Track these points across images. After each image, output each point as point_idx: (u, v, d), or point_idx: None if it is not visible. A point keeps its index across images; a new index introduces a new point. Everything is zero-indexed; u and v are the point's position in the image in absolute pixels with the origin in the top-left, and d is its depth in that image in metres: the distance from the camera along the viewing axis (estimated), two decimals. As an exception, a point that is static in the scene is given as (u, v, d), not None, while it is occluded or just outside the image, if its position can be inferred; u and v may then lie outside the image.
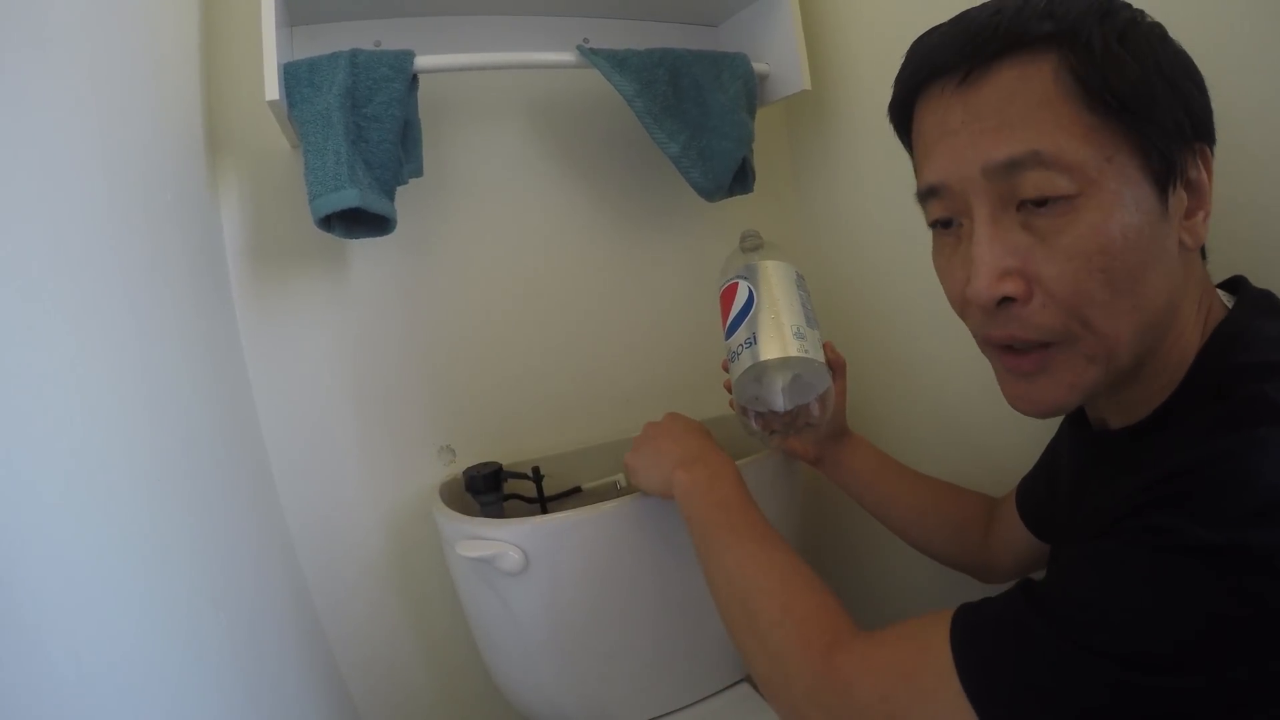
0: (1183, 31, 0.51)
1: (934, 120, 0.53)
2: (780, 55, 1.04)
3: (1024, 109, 0.48)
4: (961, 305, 0.55)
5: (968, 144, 0.50)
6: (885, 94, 0.58)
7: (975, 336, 0.56)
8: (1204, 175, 0.50)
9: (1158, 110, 0.47)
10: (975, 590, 0.88)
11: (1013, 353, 0.52)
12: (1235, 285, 0.55)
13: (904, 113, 0.58)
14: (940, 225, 0.56)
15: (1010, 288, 0.49)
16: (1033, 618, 0.44)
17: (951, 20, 0.54)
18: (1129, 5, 0.50)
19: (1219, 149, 0.52)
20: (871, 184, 1.07)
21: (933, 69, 0.53)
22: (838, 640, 0.55)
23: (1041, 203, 0.48)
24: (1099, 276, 0.47)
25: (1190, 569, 0.39)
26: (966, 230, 0.52)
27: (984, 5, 0.52)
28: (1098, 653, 0.41)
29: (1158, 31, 0.49)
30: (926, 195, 0.55)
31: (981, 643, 0.46)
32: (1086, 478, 0.60)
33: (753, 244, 0.83)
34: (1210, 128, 0.51)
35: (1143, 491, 0.43)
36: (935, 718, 0.46)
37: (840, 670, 0.53)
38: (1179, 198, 0.49)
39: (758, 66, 1.03)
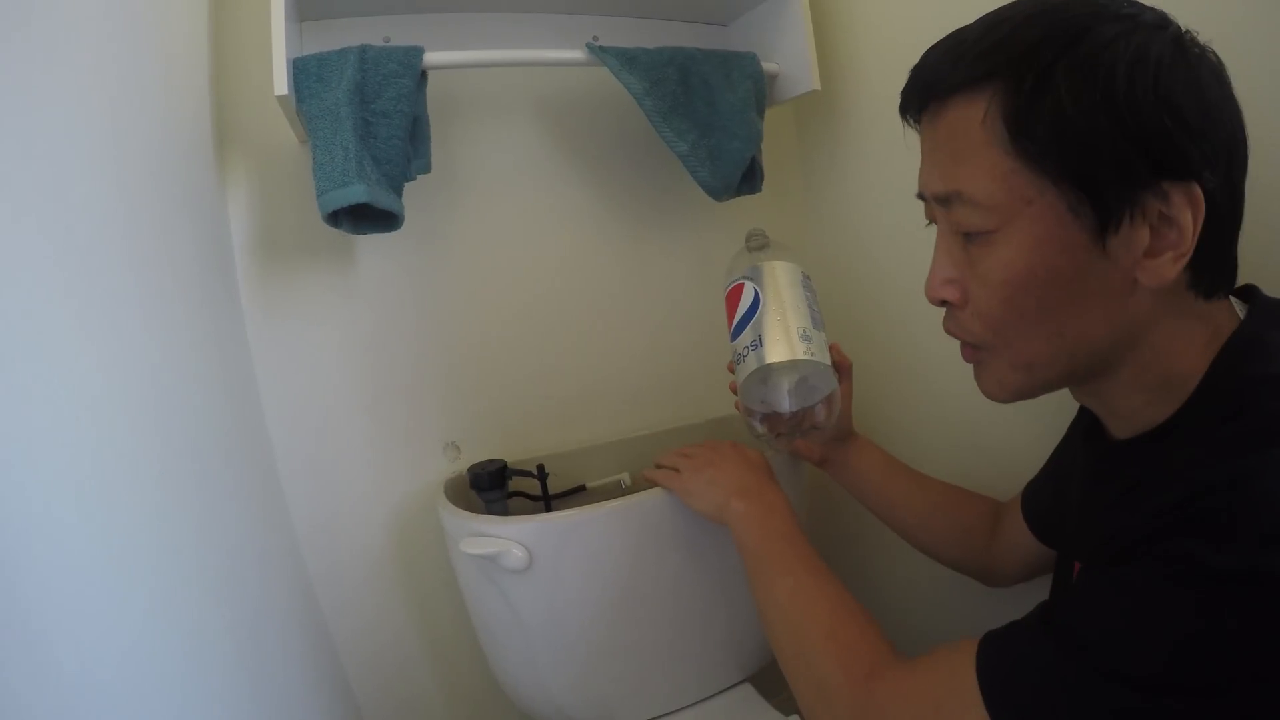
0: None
1: (921, 135, 0.58)
2: (790, 55, 1.04)
3: (958, 149, 0.52)
4: None
5: (926, 170, 0.57)
6: (895, 95, 0.58)
7: None
8: (1182, 214, 0.47)
9: (1097, 152, 0.46)
10: (979, 593, 0.88)
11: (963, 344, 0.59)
12: (1248, 294, 0.55)
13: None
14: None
15: (948, 293, 0.56)
16: (1056, 648, 0.45)
17: (943, 40, 0.55)
18: (1128, 19, 0.47)
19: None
20: (880, 185, 1.07)
21: (910, 94, 0.57)
22: (876, 669, 0.58)
23: (967, 234, 0.53)
24: (1008, 305, 0.52)
25: (1212, 596, 0.39)
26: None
27: (975, 23, 0.54)
28: (1121, 681, 0.41)
29: (1134, 58, 0.46)
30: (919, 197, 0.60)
31: (1006, 674, 0.48)
32: (1098, 488, 0.60)
33: (759, 243, 0.83)
34: (1193, 164, 0.46)
35: (1161, 515, 0.43)
36: None
37: (876, 697, 0.56)
38: (1134, 236, 0.48)
39: (767, 66, 1.03)
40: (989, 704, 0.46)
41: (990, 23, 0.52)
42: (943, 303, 0.57)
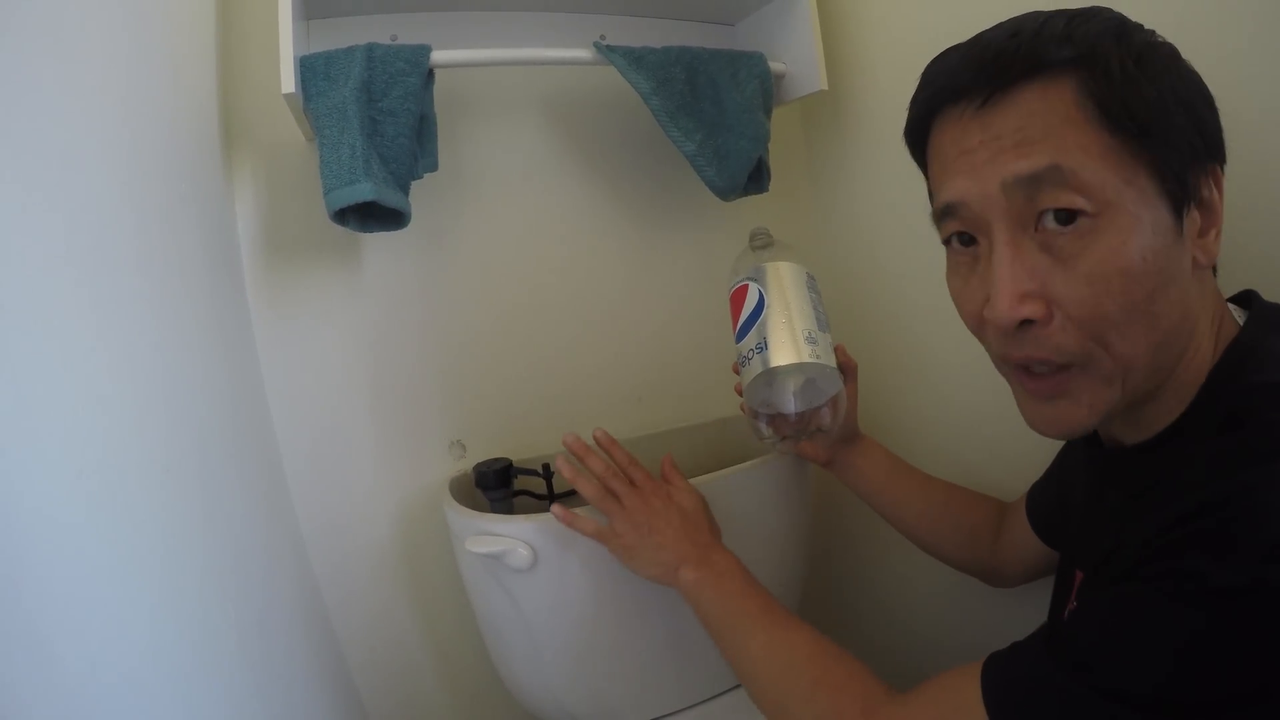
0: (1191, 43, 0.51)
1: (951, 140, 0.53)
2: (797, 55, 1.04)
3: (1045, 127, 0.48)
4: (978, 325, 0.54)
5: (987, 161, 0.50)
6: (903, 95, 0.58)
7: (992, 355, 0.56)
8: (1215, 194, 0.50)
9: (1173, 132, 0.47)
10: (984, 594, 0.88)
11: (1032, 375, 0.52)
12: (1247, 300, 0.55)
13: (920, 134, 0.58)
14: (957, 241, 0.55)
15: (1030, 310, 0.49)
16: (1063, 670, 0.45)
17: (968, 42, 0.53)
18: (1142, 27, 0.50)
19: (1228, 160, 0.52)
20: (888, 185, 1.07)
21: (951, 93, 0.52)
22: (870, 708, 0.56)
23: (1066, 221, 0.48)
24: (1119, 299, 0.47)
25: (1217, 612, 0.39)
26: (984, 250, 0.52)
27: (1000, 26, 0.52)
28: (1128, 701, 0.41)
29: (1171, 53, 0.50)
30: (943, 214, 0.54)
31: (1015, 698, 0.47)
32: (1099, 494, 0.59)
33: (763, 242, 0.83)
34: (1220, 147, 0.51)
35: (1164, 531, 0.43)
36: None
37: None
38: (1193, 218, 0.49)
39: (774, 66, 1.03)
40: None
41: (1033, 18, 0.50)
42: (1023, 323, 0.49)
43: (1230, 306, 0.54)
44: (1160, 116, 0.47)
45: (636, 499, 0.77)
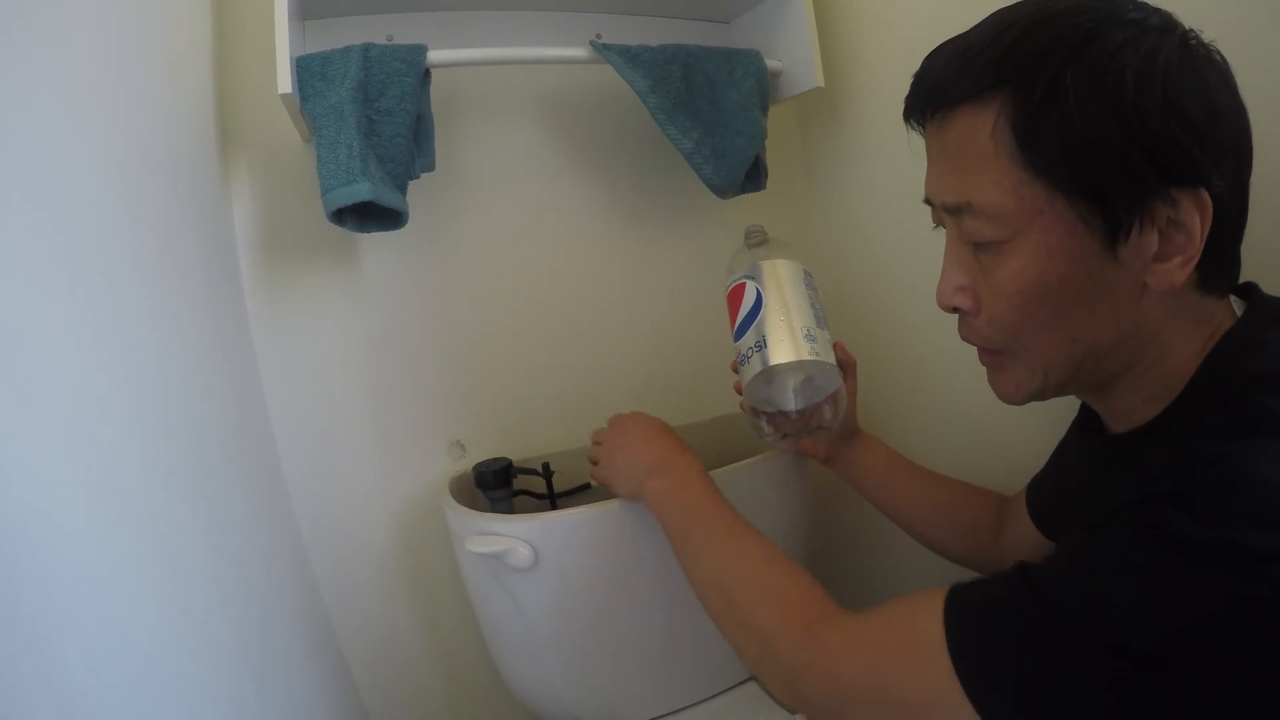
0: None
1: (927, 137, 0.57)
2: (793, 52, 1.04)
3: (967, 160, 0.52)
4: None
5: (934, 178, 0.56)
6: (898, 92, 0.58)
7: None
8: (1191, 219, 0.47)
9: (1106, 161, 0.46)
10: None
11: (980, 347, 0.59)
12: (1247, 292, 0.55)
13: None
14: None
15: (960, 300, 0.56)
16: (1029, 603, 0.45)
17: (949, 43, 0.55)
18: (1135, 24, 0.47)
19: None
20: (884, 182, 1.07)
21: (915, 102, 0.56)
22: (820, 618, 0.57)
23: (981, 243, 0.53)
24: (1023, 312, 0.52)
25: (1182, 566, 0.40)
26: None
27: (978, 27, 0.53)
28: (1089, 641, 0.41)
29: (1141, 68, 0.45)
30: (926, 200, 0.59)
31: (975, 624, 0.47)
32: (1092, 479, 0.60)
33: (758, 239, 0.83)
34: (1201, 170, 0.46)
35: (1140, 485, 0.44)
36: (923, 694, 0.47)
37: (824, 646, 0.55)
38: (1144, 242, 0.48)
39: (771, 63, 1.03)
40: (955, 654, 0.46)
41: (996, 28, 0.50)
42: (955, 309, 0.57)
43: (1232, 298, 0.54)
44: (1083, 146, 0.46)
45: (611, 429, 0.84)
